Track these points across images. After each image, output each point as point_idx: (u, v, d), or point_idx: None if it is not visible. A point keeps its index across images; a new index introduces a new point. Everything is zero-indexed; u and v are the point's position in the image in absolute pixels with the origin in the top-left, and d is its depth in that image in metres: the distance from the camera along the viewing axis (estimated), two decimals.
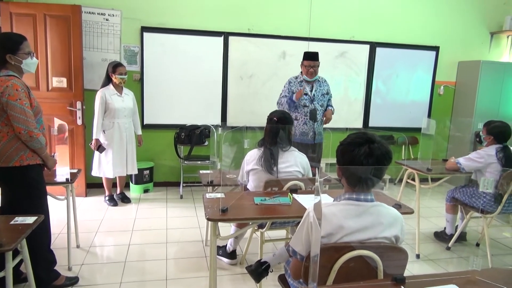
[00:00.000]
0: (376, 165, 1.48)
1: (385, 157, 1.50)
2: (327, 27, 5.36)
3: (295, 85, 4.00)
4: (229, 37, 5.07)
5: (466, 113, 5.83)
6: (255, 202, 2.22)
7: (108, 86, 4.21)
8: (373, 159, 1.48)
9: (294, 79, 4.05)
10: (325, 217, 1.53)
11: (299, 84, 4.00)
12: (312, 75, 3.93)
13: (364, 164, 1.48)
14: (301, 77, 4.02)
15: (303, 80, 4.00)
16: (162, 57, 4.92)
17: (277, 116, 2.65)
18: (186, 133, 4.66)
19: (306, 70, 3.92)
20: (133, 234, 3.64)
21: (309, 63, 3.90)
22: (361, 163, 1.48)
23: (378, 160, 1.49)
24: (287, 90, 4.02)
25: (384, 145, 1.52)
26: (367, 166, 1.48)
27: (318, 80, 4.04)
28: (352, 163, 1.50)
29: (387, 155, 1.51)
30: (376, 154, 1.48)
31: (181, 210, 4.35)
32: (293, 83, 4.03)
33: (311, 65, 3.90)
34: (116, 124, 4.23)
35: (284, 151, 2.63)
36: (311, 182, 2.65)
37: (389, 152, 1.52)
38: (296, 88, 3.96)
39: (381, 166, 1.50)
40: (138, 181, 4.86)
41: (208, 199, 2.27)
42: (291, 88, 4.00)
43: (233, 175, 3.22)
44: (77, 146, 4.52)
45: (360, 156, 1.48)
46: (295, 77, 4.07)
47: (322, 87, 4.05)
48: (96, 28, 4.70)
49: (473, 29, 5.91)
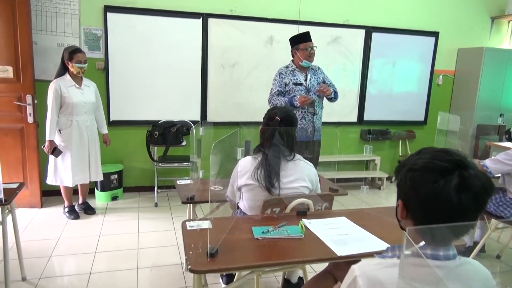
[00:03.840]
0: (473, 203, 0.91)
1: (486, 191, 0.93)
2: (319, 9, 4.78)
3: (287, 76, 3.42)
4: (208, 20, 4.39)
5: (466, 105, 5.39)
6: (254, 236, 1.62)
7: (64, 76, 3.50)
8: (468, 195, 0.91)
9: (285, 69, 3.47)
10: (383, 287, 0.96)
11: (291, 73, 3.43)
12: (311, 57, 3.40)
13: (454, 203, 0.91)
14: (293, 66, 3.46)
15: (295, 69, 3.44)
16: (130, 42, 4.20)
17: (280, 115, 2.05)
18: (160, 131, 3.99)
19: (306, 53, 3.37)
20: (97, 257, 2.98)
21: (307, 44, 3.37)
22: (450, 201, 0.90)
23: (476, 197, 0.92)
24: (278, 83, 3.43)
25: (480, 172, 0.94)
26: (459, 205, 0.91)
27: (311, 68, 3.50)
28: (434, 200, 0.92)
29: (488, 188, 0.94)
30: (473, 187, 0.91)
31: (156, 223, 3.70)
32: (284, 74, 3.44)
33: (310, 46, 3.37)
34: (75, 122, 3.53)
35: (288, 161, 2.04)
36: (321, 199, 2.07)
37: (490, 184, 0.94)
38: (289, 80, 3.39)
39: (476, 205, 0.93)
40: (104, 187, 4.17)
41: (190, 232, 1.66)
42: (284, 81, 3.41)
43: (219, 187, 2.61)
44: (28, 149, 3.78)
45: (449, 191, 0.90)
46: (285, 66, 3.50)
47: (317, 75, 3.50)
48: (49, 7, 3.93)
49: (473, 13, 5.45)
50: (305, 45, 3.36)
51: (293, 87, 3.40)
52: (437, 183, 0.91)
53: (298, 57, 3.40)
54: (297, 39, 3.43)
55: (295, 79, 3.41)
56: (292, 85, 3.40)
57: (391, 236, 1.66)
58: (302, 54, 3.37)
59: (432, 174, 0.93)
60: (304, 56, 3.37)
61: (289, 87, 3.41)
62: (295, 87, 3.40)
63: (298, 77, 3.41)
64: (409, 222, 1.00)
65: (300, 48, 3.37)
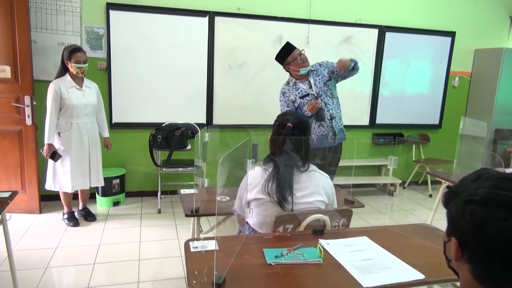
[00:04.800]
0: None
1: None
2: (331, 8, 4.58)
3: (291, 92, 3.13)
4: (215, 18, 4.21)
5: (483, 108, 5.16)
6: (267, 261, 1.43)
7: (64, 76, 3.33)
8: None
9: (287, 87, 3.18)
10: None
11: (294, 88, 3.13)
12: (306, 62, 3.09)
13: None
14: (293, 80, 3.17)
15: (296, 82, 3.15)
16: (134, 41, 4.03)
17: (292, 121, 1.86)
18: (164, 135, 3.81)
19: (298, 61, 3.06)
20: (96, 269, 2.81)
21: (294, 54, 3.07)
22: None
23: None
24: (285, 103, 3.16)
25: None
26: None
27: (312, 71, 3.16)
28: (505, 242, 0.72)
29: None
30: None
31: (159, 231, 3.53)
32: (288, 92, 3.15)
33: (297, 53, 3.07)
34: (75, 124, 3.36)
35: (302, 172, 1.85)
36: (339, 214, 1.88)
37: None
38: (294, 96, 3.11)
39: None
40: (106, 193, 4.00)
41: (194, 255, 1.48)
42: (290, 99, 3.14)
43: (225, 197, 2.42)
44: (26, 152, 3.62)
45: None
46: (286, 83, 3.21)
47: (320, 75, 3.16)
48: (49, 4, 3.77)
49: (491, 12, 5.21)
50: (292, 55, 3.07)
51: (302, 101, 3.11)
52: (508, 221, 0.71)
53: (293, 70, 3.11)
54: (281, 55, 3.14)
55: (299, 93, 3.12)
56: (299, 100, 3.11)
57: (422, 261, 1.46)
58: (295, 65, 3.08)
59: (500, 209, 0.73)
60: (298, 66, 3.07)
61: (297, 103, 3.13)
62: (303, 101, 3.10)
63: (302, 89, 3.12)
64: (465, 266, 0.80)
65: (290, 61, 3.09)
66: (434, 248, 1.59)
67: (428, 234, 1.75)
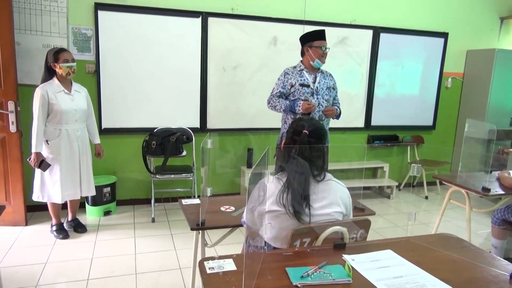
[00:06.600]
0: None
1: None
2: (325, 9, 4.51)
3: (294, 76, 3.13)
4: (208, 19, 4.08)
5: (476, 109, 5.18)
6: (292, 283, 1.31)
7: (52, 80, 3.15)
8: None
9: (292, 69, 3.18)
10: None
11: (298, 74, 3.14)
12: (324, 59, 3.13)
13: None
14: (301, 66, 3.18)
15: (304, 69, 3.16)
16: (124, 43, 3.86)
17: (308, 128, 1.75)
18: (158, 141, 3.65)
19: (320, 52, 3.08)
20: (90, 285, 2.64)
21: (322, 43, 3.09)
22: None
23: None
24: (282, 84, 3.16)
25: None
26: None
27: (322, 72, 3.22)
28: None
29: None
30: None
31: (154, 242, 3.37)
32: (291, 74, 3.15)
33: (324, 45, 3.09)
34: (64, 131, 3.18)
35: (318, 182, 1.74)
36: (357, 225, 1.78)
37: None
38: (295, 81, 3.10)
39: None
40: (96, 202, 3.81)
41: (211, 277, 1.34)
42: (289, 81, 3.13)
43: (230, 207, 2.30)
44: (11, 161, 3.41)
45: None
46: (293, 66, 3.21)
47: (326, 79, 3.21)
48: (33, 4, 3.57)
49: (482, 13, 5.24)
50: (320, 43, 3.08)
51: (299, 89, 3.11)
52: None
53: (310, 55, 3.10)
54: (312, 35, 3.14)
55: (302, 80, 3.12)
56: (298, 86, 3.11)
57: (457, 277, 1.37)
58: (315, 52, 3.08)
59: None
60: (317, 55, 3.08)
61: (295, 88, 3.12)
62: (301, 89, 3.10)
63: (306, 78, 3.12)
64: None
65: (314, 45, 3.08)
66: (464, 261, 1.50)
67: (453, 246, 1.66)
